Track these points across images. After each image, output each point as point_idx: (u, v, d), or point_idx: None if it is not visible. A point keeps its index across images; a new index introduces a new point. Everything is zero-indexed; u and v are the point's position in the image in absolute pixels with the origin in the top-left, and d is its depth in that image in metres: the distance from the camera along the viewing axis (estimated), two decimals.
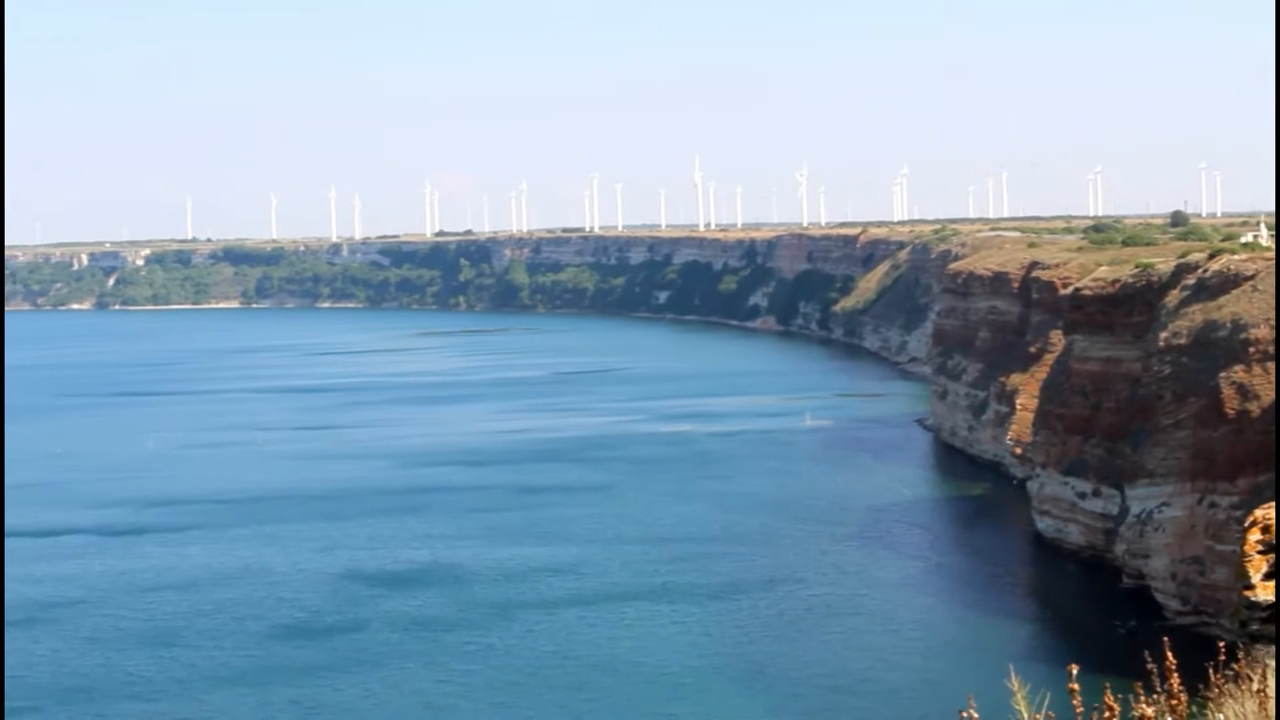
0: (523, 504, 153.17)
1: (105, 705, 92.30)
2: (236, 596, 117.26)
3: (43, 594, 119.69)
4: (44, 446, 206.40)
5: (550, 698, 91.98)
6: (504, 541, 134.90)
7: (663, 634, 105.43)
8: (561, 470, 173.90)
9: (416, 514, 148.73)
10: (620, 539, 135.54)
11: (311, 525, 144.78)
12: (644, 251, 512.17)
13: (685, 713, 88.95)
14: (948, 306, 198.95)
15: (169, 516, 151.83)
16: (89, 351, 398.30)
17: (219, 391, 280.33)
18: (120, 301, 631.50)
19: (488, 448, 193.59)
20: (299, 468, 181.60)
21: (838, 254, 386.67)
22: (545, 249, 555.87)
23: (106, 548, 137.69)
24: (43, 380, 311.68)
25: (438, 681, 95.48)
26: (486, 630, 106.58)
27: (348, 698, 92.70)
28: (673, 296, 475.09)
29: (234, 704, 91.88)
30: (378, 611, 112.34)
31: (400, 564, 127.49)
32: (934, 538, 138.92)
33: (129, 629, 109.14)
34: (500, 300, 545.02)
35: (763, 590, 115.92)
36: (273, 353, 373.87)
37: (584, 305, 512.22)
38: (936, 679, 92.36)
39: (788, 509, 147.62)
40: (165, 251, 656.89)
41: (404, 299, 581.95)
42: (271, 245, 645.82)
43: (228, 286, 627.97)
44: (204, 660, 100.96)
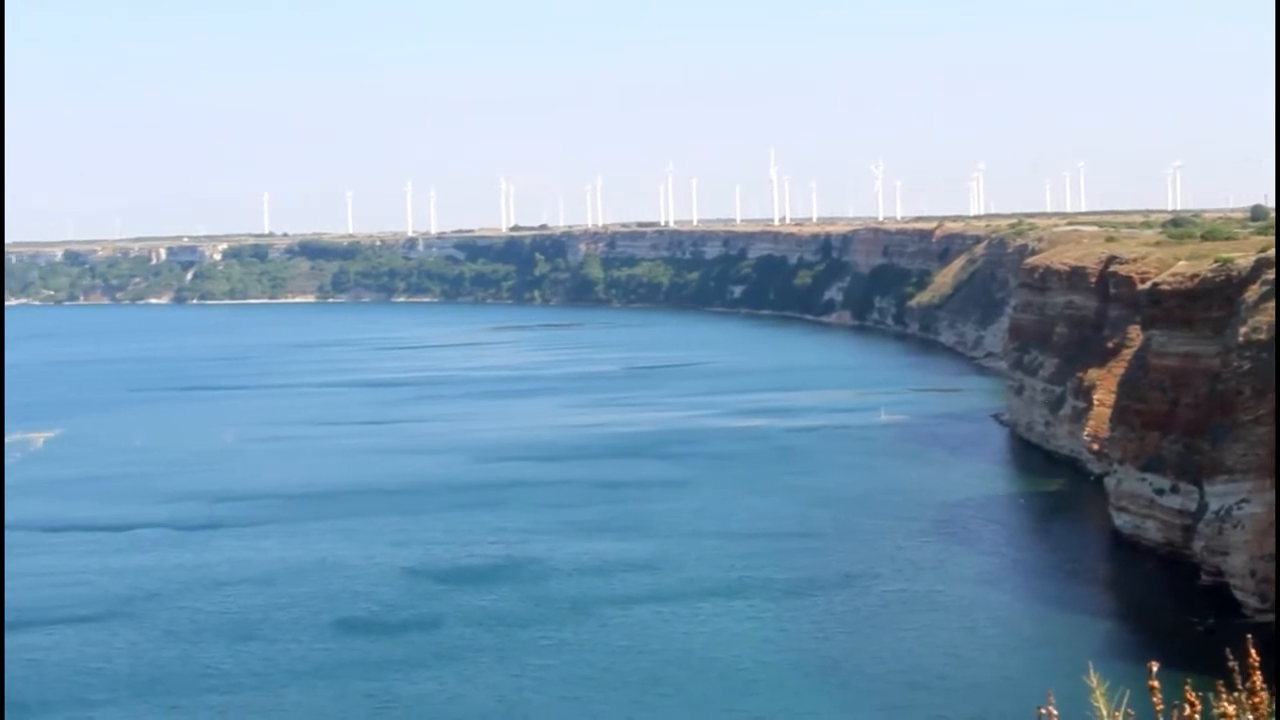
0: (598, 499, 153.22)
1: (182, 698, 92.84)
2: (312, 590, 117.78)
3: (121, 587, 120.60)
4: (123, 440, 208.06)
5: (624, 693, 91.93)
6: (579, 536, 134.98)
7: (737, 629, 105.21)
8: (637, 465, 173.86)
9: (491, 508, 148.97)
10: (696, 534, 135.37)
11: (387, 519, 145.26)
12: (719, 246, 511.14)
13: (759, 708, 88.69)
14: (1024, 301, 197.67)
15: (245, 510, 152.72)
16: (166, 345, 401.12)
17: (294, 385, 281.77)
18: (198, 296, 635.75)
19: (563, 442, 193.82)
20: (374, 462, 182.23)
21: (913, 248, 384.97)
22: (620, 243, 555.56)
23: (184, 541, 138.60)
24: (120, 374, 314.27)
25: (512, 676, 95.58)
26: (561, 625, 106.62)
27: (422, 691, 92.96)
28: (747, 291, 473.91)
29: (309, 697, 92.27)
30: (452, 606, 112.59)
31: (475, 558, 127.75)
32: (1010, 533, 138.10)
33: (205, 622, 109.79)
34: (575, 295, 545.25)
35: (838, 585, 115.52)
36: (348, 347, 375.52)
37: (658, 300, 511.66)
38: (1013, 676, 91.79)
39: (863, 504, 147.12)
40: (242, 246, 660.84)
41: (479, 293, 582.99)
42: (348, 240, 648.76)
43: (304, 281, 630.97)
44: (280, 653, 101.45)
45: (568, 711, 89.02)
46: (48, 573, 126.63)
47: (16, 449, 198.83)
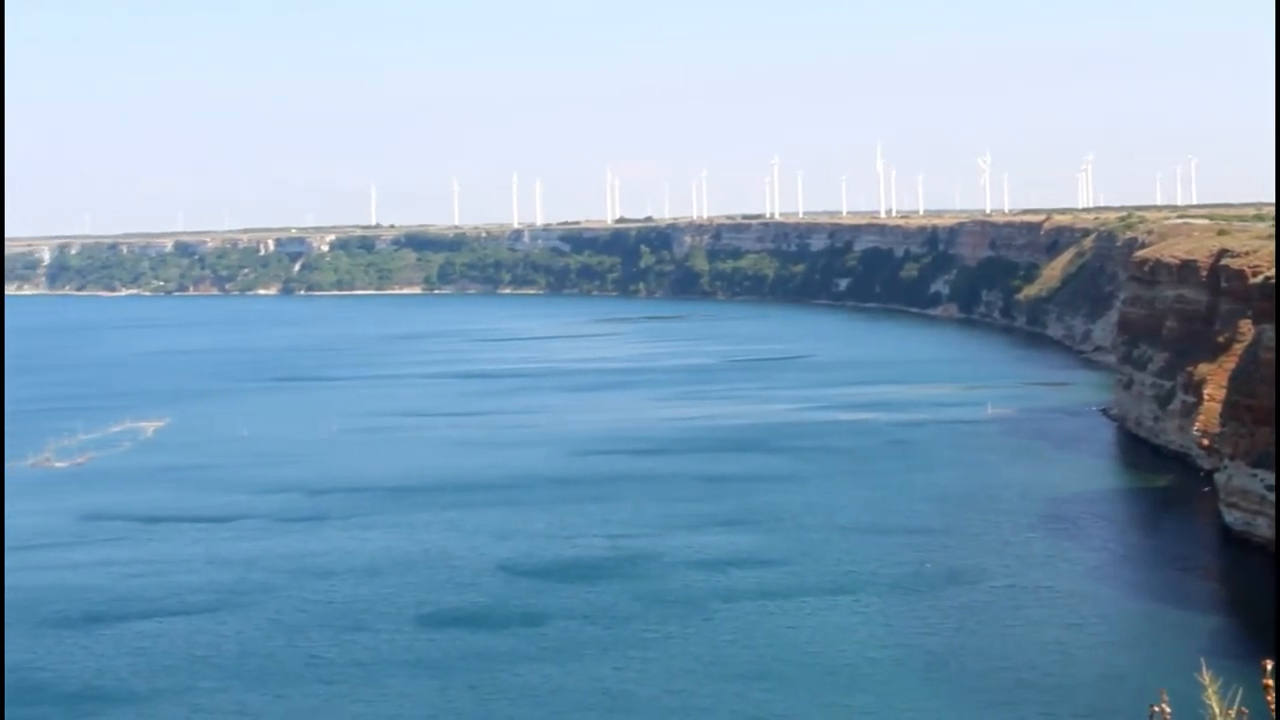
0: (704, 492, 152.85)
1: (287, 686, 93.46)
2: (416, 581, 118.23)
3: (228, 576, 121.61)
4: (231, 429, 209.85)
5: (728, 687, 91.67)
6: (684, 530, 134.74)
7: (843, 624, 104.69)
8: (742, 459, 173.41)
9: (596, 501, 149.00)
10: (801, 528, 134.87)
11: (491, 511, 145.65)
12: (824, 238, 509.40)
13: (864, 704, 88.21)
14: (1133, 295, 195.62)
15: (350, 500, 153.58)
16: (273, 336, 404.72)
17: (399, 376, 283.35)
18: (305, 287, 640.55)
19: (668, 435, 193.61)
20: (478, 453, 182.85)
21: (1021, 241, 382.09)
22: (725, 235, 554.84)
23: (289, 530, 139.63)
24: (228, 364, 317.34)
25: (615, 668, 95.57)
26: (665, 618, 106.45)
27: (526, 683, 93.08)
28: (853, 284, 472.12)
29: (414, 687, 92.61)
30: (556, 598, 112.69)
31: (579, 551, 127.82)
32: (1119, 529, 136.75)
33: (311, 612, 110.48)
34: (680, 287, 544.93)
35: (944, 581, 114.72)
36: (452, 338, 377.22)
37: (764, 292, 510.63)
38: (1123, 673, 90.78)
39: (970, 499, 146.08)
40: (349, 237, 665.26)
41: (584, 285, 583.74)
42: (454, 231, 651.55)
43: (411, 272, 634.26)
44: (384, 644, 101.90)
45: (672, 704, 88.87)
46: (156, 561, 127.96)
47: (126, 437, 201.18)
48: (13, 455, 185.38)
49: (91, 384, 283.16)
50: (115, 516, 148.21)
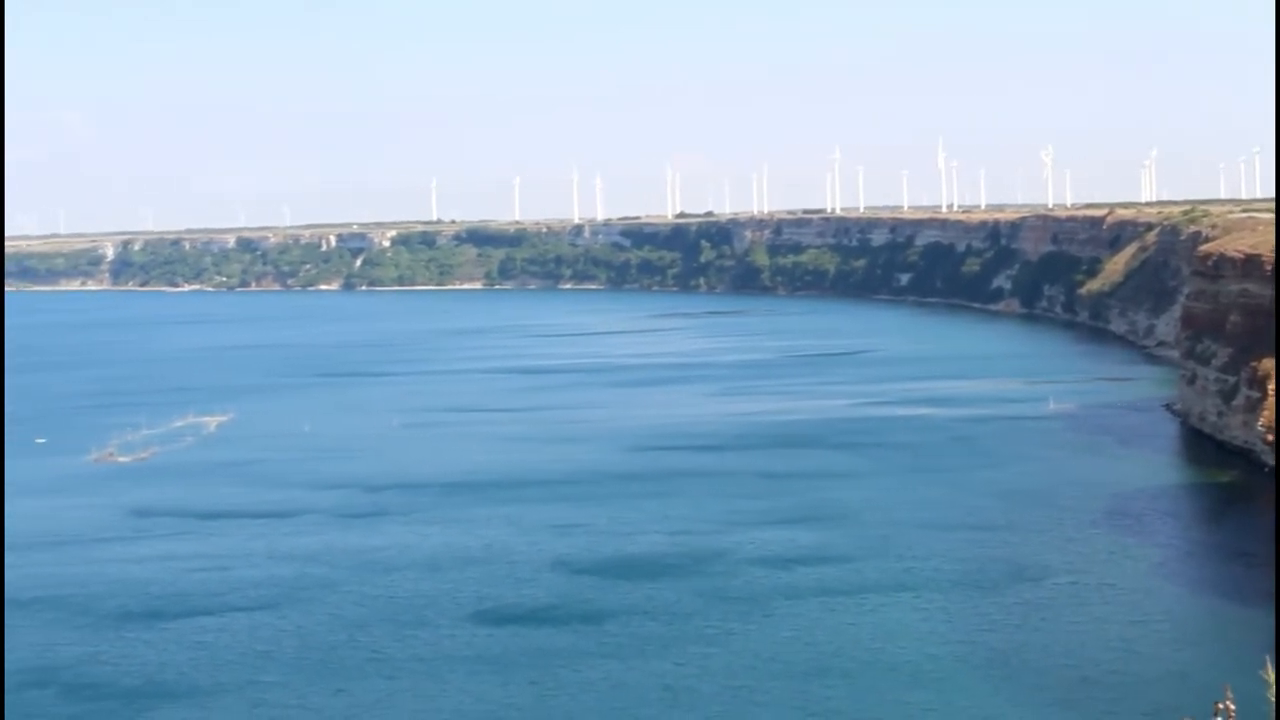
0: (764, 488, 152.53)
1: (348, 681, 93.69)
2: (476, 576, 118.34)
3: (289, 571, 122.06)
4: (292, 424, 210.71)
5: (789, 683, 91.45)
6: (744, 526, 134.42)
7: (904, 620, 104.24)
8: (802, 455, 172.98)
9: (656, 497, 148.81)
10: (862, 524, 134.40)
11: (550, 506, 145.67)
12: (885, 233, 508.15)
13: (926, 701, 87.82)
14: (1197, 289, 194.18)
15: (410, 495, 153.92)
16: (334, 331, 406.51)
17: (459, 371, 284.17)
18: (367, 282, 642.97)
19: (728, 431, 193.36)
20: (537, 448, 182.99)
21: (1083, 236, 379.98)
22: (786, 230, 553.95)
23: (350, 525, 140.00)
24: (290, 359, 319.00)
25: (676, 664, 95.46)
26: (725, 615, 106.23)
27: (586, 679, 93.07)
28: (914, 278, 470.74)
29: (474, 683, 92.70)
30: (616, 594, 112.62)
31: (638, 547, 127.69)
32: (1182, 525, 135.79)
33: (372, 607, 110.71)
34: (740, 282, 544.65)
35: (1006, 577, 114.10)
36: (512, 333, 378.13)
37: (824, 287, 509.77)
38: (1187, 671, 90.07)
39: (1032, 494, 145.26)
40: (410, 233, 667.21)
41: (644, 280, 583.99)
42: (515, 227, 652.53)
43: (471, 268, 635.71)
44: (444, 639, 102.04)
45: (732, 701, 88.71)
46: (218, 555, 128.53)
47: (189, 432, 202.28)
48: (77, 450, 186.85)
49: (154, 379, 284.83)
50: (177, 511, 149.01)
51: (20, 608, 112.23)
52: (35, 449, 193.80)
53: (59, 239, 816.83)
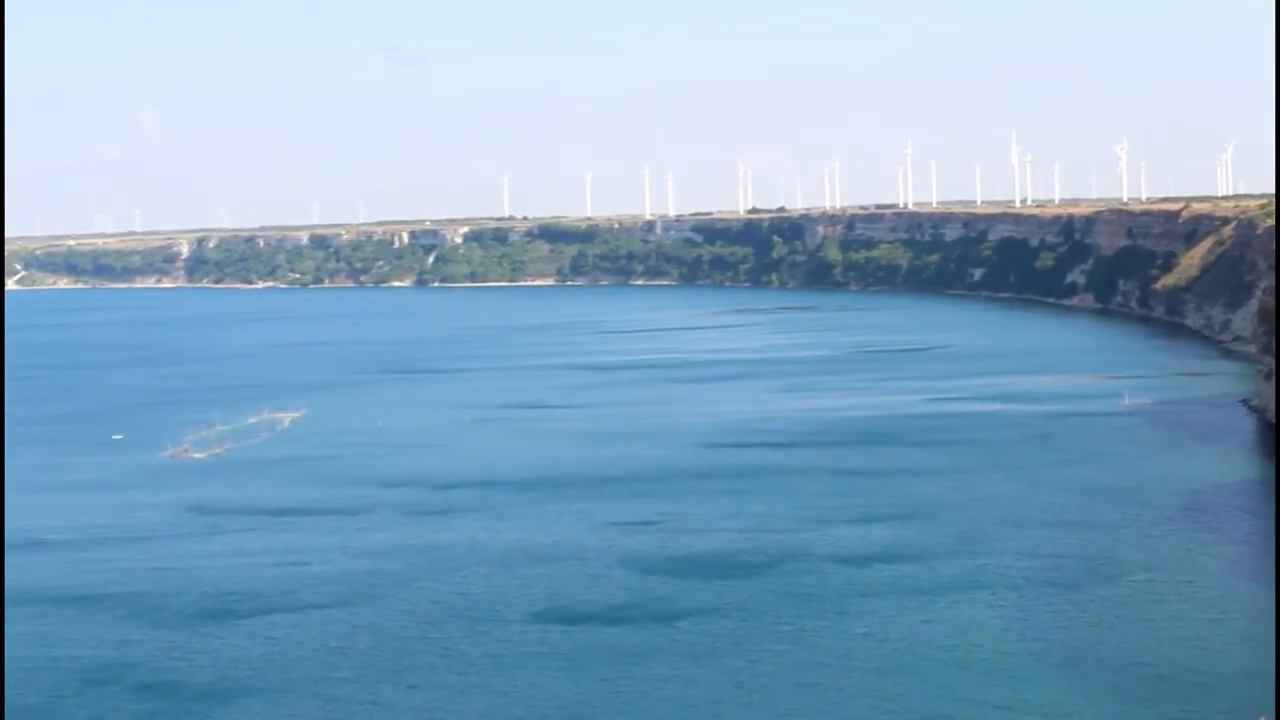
0: (835, 486, 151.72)
1: (420, 677, 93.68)
2: (548, 573, 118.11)
3: (362, 567, 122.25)
4: (365, 420, 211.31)
5: (862, 680, 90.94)
6: (816, 523, 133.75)
7: (978, 617, 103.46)
8: (874, 451, 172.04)
9: (728, 494, 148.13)
10: (935, 521, 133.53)
11: (622, 503, 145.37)
12: (959, 228, 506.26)
13: (1000, 698, 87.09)
14: (1274, 283, 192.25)
15: (482, 491, 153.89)
16: (406, 327, 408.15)
17: (529, 368, 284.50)
18: (439, 279, 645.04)
19: (799, 427, 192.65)
20: (608, 445, 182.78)
21: (1159, 230, 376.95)
22: (859, 226, 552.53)
23: (422, 521, 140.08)
24: (363, 355, 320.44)
25: (748, 661, 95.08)
26: (798, 612, 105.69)
27: (658, 675, 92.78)
28: (987, 274, 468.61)
29: (546, 679, 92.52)
30: (687, 591, 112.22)
31: (710, 544, 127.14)
32: (1260, 522, 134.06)
33: (444, 604, 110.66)
34: (812, 278, 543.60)
35: (1082, 574, 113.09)
36: (583, 330, 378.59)
37: (897, 283, 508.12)
38: (1264, 669, 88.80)
39: (1107, 491, 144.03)
40: (483, 229, 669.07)
41: (716, 276, 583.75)
42: (586, 223, 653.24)
43: (543, 264, 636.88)
44: (516, 636, 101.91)
45: (805, 698, 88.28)
46: (290, 551, 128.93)
47: (263, 428, 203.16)
48: (153, 446, 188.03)
49: (228, 375, 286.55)
50: (251, 507, 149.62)
51: (96, 603, 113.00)
52: (112, 445, 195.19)
53: (135, 237, 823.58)
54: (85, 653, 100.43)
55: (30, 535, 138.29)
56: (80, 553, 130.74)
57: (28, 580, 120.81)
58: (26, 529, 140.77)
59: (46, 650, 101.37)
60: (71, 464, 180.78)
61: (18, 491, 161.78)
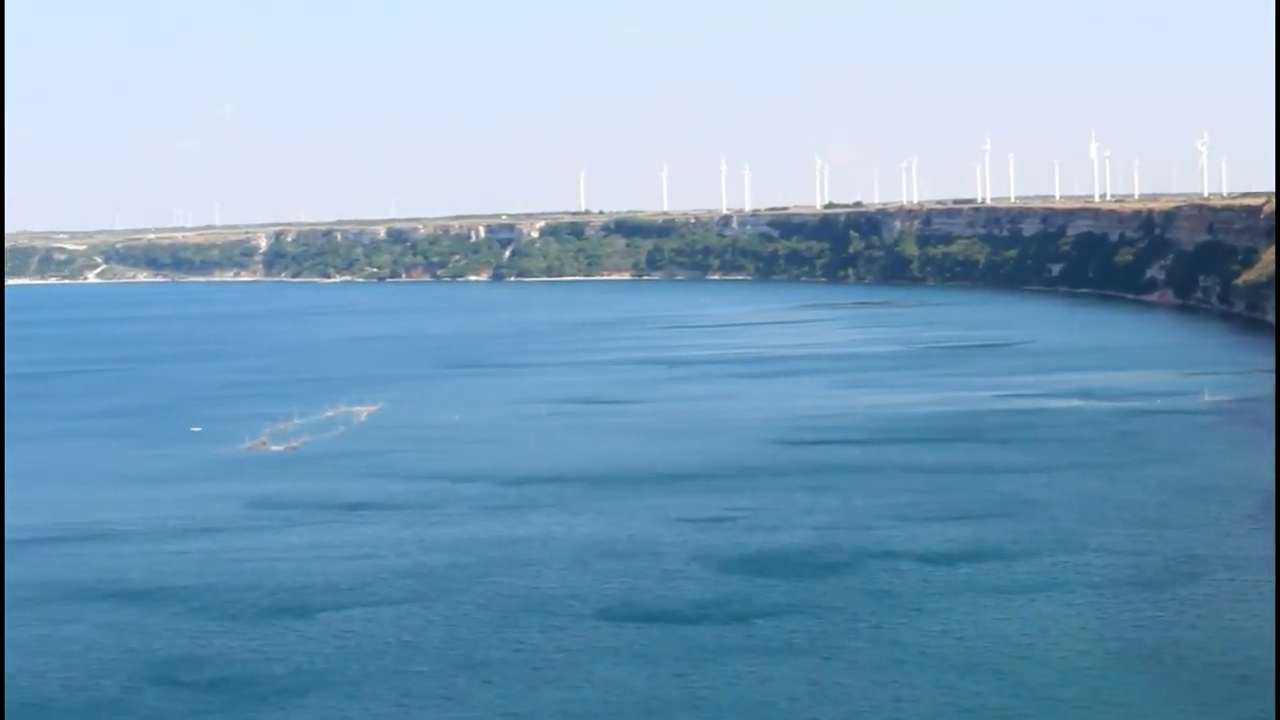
0: (911, 483, 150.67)
1: (494, 672, 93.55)
2: (622, 569, 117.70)
3: (437, 562, 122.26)
4: (440, 414, 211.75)
5: (937, 678, 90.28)
6: (891, 521, 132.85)
7: (1055, 615, 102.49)
8: (951, 448, 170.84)
9: (803, 491, 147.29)
10: (1012, 518, 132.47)
11: (696, 499, 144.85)
12: (1037, 223, 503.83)
13: (1077, 697, 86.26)
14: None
15: (557, 486, 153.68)
16: (482, 322, 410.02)
17: (602, 362, 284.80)
18: (515, 273, 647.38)
19: (874, 424, 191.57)
20: (681, 440, 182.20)
21: (1240, 225, 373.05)
22: (936, 221, 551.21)
23: (497, 516, 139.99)
24: (438, 349, 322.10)
25: (823, 659, 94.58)
26: (873, 609, 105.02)
27: (733, 671, 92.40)
28: (1066, 269, 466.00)
29: (620, 675, 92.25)
30: (762, 587, 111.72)
31: (785, 541, 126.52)
32: None
33: (518, 598, 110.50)
34: (889, 273, 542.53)
35: (1161, 574, 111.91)
36: (658, 324, 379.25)
37: (974, 278, 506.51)
38: None
39: (1186, 489, 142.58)
40: (559, 224, 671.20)
41: (793, 271, 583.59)
42: (663, 218, 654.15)
43: (619, 258, 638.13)
44: (590, 631, 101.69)
45: (880, 696, 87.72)
46: (366, 545, 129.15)
47: (340, 422, 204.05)
48: (231, 438, 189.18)
49: (305, 369, 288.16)
50: (326, 499, 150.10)
51: (172, 595, 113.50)
52: (191, 437, 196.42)
53: (214, 230, 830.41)
54: (161, 644, 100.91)
55: (109, 527, 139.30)
56: (158, 544, 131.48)
57: (105, 571, 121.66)
58: (106, 521, 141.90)
59: (123, 641, 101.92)
60: (150, 456, 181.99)
61: (98, 484, 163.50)
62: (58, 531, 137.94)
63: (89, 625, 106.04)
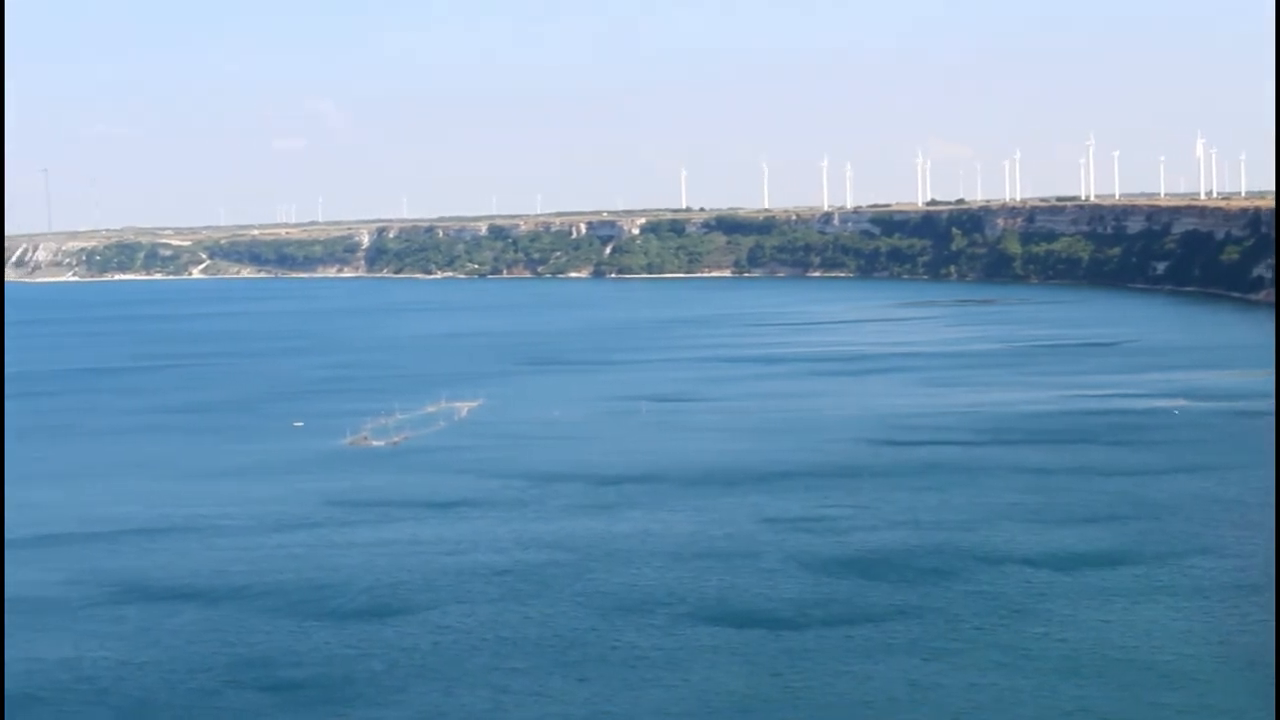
0: (1013, 484, 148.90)
1: (590, 670, 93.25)
2: (720, 568, 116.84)
3: (535, 558, 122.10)
4: (541, 410, 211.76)
5: (1039, 680, 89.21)
6: (994, 522, 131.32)
7: (1160, 619, 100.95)
8: (1056, 449, 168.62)
9: (904, 491, 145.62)
10: (1117, 519, 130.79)
11: (794, 498, 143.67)
12: (1141, 221, 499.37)
13: (1181, 702, 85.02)
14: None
15: (654, 483, 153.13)
16: (582, 318, 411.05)
17: (698, 360, 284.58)
18: (616, 270, 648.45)
19: (976, 423, 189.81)
20: (780, 439, 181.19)
21: None
22: (1039, 218, 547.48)
23: (595, 513, 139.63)
24: (536, 345, 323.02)
25: (923, 659, 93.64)
26: (975, 611, 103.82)
27: (830, 671, 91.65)
28: (1171, 267, 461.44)
29: (717, 674, 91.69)
30: (861, 588, 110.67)
31: (884, 541, 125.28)
32: None
33: (615, 596, 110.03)
34: (991, 271, 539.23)
35: (1268, 578, 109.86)
36: (758, 322, 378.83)
37: (1078, 276, 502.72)
38: None
39: None
40: (660, 221, 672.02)
41: (894, 268, 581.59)
42: (763, 215, 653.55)
43: (720, 255, 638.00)
44: (688, 630, 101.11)
45: (981, 698, 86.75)
46: (464, 540, 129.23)
47: (441, 417, 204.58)
48: (333, 433, 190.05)
49: (406, 363, 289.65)
50: (426, 495, 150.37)
51: (271, 589, 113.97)
52: (293, 432, 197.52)
53: (317, 227, 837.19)
54: (260, 638, 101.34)
55: (210, 521, 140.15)
56: (258, 538, 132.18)
57: (206, 565, 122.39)
58: (207, 515, 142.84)
59: (222, 635, 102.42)
60: (252, 451, 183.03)
61: (198, 478, 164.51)
62: (160, 524, 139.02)
63: (189, 619, 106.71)
